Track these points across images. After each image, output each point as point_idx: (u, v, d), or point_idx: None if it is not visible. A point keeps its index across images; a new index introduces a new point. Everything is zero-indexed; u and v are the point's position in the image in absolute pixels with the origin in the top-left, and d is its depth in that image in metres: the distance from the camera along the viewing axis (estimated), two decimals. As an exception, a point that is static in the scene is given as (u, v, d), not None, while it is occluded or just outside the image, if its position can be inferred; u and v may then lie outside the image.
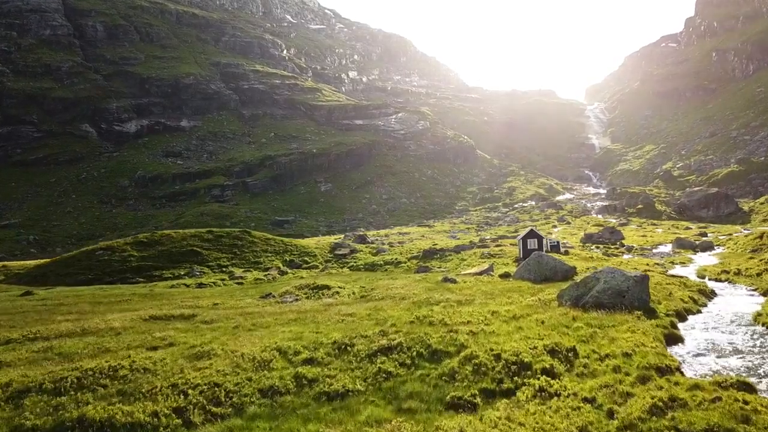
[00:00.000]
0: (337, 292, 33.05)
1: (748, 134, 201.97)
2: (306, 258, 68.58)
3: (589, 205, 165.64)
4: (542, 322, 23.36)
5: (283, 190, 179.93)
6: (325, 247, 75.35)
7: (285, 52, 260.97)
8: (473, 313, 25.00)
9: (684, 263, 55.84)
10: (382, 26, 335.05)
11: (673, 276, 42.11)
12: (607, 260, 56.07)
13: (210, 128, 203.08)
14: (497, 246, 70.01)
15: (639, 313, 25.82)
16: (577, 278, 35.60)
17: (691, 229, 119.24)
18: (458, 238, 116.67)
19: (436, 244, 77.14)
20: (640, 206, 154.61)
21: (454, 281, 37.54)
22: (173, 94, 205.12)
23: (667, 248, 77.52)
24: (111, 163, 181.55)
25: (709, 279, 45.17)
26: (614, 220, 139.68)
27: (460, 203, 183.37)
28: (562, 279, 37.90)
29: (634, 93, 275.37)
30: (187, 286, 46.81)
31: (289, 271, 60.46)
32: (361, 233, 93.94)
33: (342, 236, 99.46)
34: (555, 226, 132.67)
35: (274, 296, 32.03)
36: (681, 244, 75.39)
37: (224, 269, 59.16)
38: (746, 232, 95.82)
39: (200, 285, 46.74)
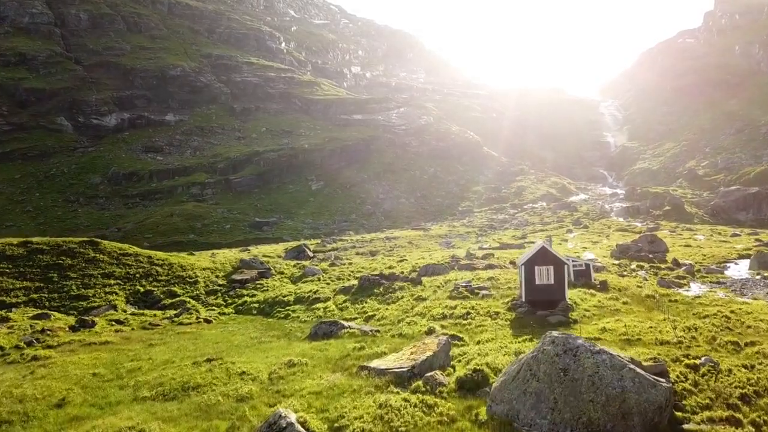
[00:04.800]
0: None
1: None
2: (176, 287, 43.02)
3: (607, 206, 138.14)
4: None
5: (269, 189, 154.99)
6: (225, 267, 49.10)
7: (284, 45, 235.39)
8: None
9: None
10: (389, 23, 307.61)
11: None
12: (684, 302, 29.05)
13: (197, 122, 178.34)
14: (488, 268, 43.51)
15: None
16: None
17: (739, 235, 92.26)
18: (452, 245, 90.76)
19: (404, 259, 51.23)
20: (667, 208, 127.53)
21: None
22: (159, 86, 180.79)
23: (741, 267, 50.54)
24: (84, 158, 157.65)
25: None
26: (640, 224, 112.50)
27: (464, 204, 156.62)
28: None
29: (651, 89, 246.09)
30: None
31: (127, 313, 34.72)
32: (300, 244, 67.45)
33: (288, 245, 73.28)
34: (570, 231, 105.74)
35: None
36: (766, 263, 47.70)
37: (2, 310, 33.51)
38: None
39: None
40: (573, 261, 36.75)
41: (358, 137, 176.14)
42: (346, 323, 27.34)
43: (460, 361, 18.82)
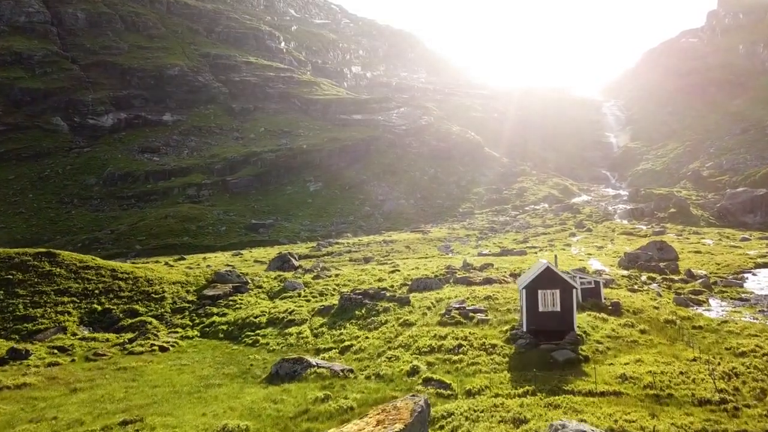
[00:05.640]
0: None
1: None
2: (138, 305, 38.78)
3: (610, 208, 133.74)
4: None
5: (267, 190, 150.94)
6: (198, 281, 44.65)
7: (283, 44, 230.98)
8: None
9: None
10: (391, 23, 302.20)
11: None
12: (710, 329, 24.66)
13: (195, 122, 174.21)
14: (485, 283, 39.17)
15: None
16: None
17: (749, 239, 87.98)
18: (451, 250, 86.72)
19: (397, 269, 46.78)
20: (672, 210, 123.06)
21: None
22: (156, 86, 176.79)
23: (761, 278, 46.50)
24: (80, 159, 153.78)
25: None
26: (645, 227, 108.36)
27: (465, 205, 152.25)
28: None
29: (654, 89, 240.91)
30: None
31: (77, 337, 30.44)
32: (285, 253, 63.00)
33: (279, 250, 68.97)
34: (573, 234, 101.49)
35: None
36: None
37: None
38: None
39: None
40: (580, 277, 32.44)
41: (358, 137, 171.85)
42: (313, 360, 23.11)
43: (442, 427, 14.57)
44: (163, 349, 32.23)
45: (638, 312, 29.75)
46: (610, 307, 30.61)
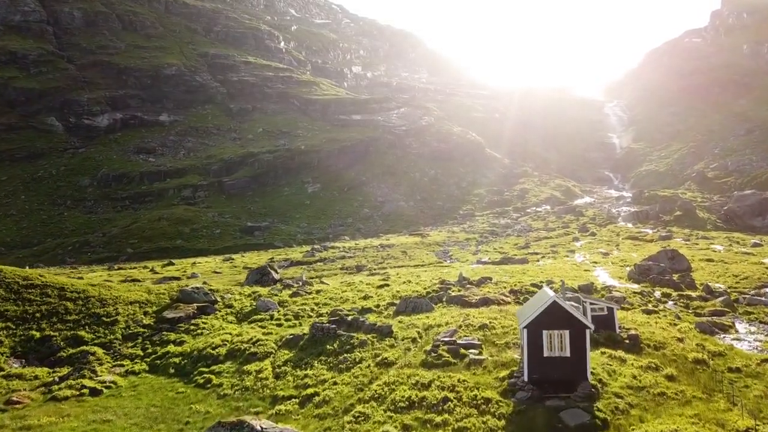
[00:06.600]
0: None
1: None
2: (83, 331, 34.63)
3: (614, 210, 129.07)
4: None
5: (264, 192, 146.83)
6: (160, 300, 40.17)
7: (283, 44, 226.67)
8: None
9: None
10: (392, 23, 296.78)
11: None
12: (751, 372, 20.42)
13: (192, 123, 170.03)
14: (482, 304, 34.65)
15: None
16: None
17: (760, 245, 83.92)
18: (450, 255, 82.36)
19: (386, 284, 42.47)
20: (678, 213, 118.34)
21: None
22: (153, 86, 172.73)
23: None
24: (74, 160, 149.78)
25: None
26: (650, 231, 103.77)
27: (465, 207, 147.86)
28: None
29: (657, 89, 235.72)
30: None
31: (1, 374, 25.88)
32: (265, 266, 58.45)
33: (271, 256, 64.49)
34: (577, 239, 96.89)
35: None
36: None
37: None
38: None
39: None
40: (591, 303, 27.88)
41: (357, 138, 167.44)
42: (258, 425, 18.67)
43: None
44: (94, 392, 27.39)
45: (660, 347, 25.08)
46: (627, 341, 25.75)
